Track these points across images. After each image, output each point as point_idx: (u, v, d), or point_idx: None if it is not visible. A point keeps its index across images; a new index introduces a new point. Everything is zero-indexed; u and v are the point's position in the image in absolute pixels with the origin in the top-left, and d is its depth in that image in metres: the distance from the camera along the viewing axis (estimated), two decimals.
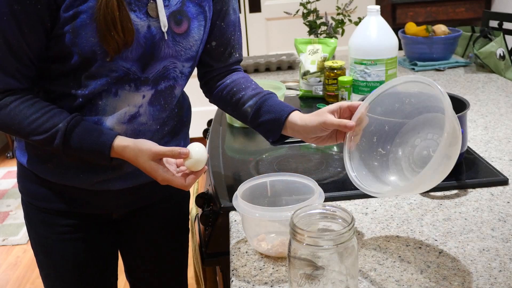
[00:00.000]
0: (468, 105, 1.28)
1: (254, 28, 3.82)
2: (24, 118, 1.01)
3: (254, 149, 1.53)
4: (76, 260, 1.23)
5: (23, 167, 1.17)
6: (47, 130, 1.01)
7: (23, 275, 2.69)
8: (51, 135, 1.01)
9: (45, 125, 1.01)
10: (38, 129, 1.01)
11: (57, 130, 1.01)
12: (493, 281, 0.90)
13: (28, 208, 1.22)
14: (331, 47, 1.91)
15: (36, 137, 1.02)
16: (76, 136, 1.02)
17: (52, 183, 1.14)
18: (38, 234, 1.22)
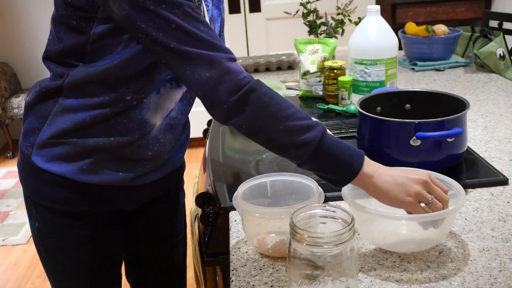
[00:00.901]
0: (468, 105, 1.28)
1: (254, 28, 3.83)
2: (281, 101, 0.95)
3: (254, 149, 1.53)
4: (95, 260, 1.22)
5: (43, 171, 1.11)
6: (305, 118, 0.95)
7: (23, 275, 2.69)
8: (309, 124, 0.94)
9: (300, 113, 0.96)
10: (296, 114, 0.94)
11: (317, 122, 0.96)
12: (493, 281, 0.90)
13: (43, 212, 1.17)
14: (331, 47, 1.91)
15: (296, 122, 0.94)
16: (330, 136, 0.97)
17: (80, 184, 1.11)
18: (56, 237, 1.19)
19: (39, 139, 1.10)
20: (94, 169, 1.10)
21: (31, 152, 1.12)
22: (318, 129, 0.94)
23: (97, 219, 1.19)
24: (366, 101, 1.38)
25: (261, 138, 0.97)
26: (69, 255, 1.20)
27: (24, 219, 3.20)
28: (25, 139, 1.13)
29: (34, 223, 1.20)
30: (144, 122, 1.10)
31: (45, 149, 1.10)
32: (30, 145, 1.12)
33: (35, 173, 1.13)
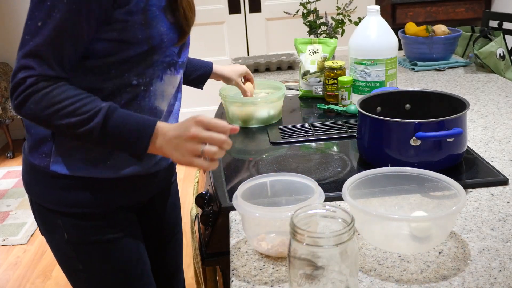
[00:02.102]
0: (468, 105, 1.28)
1: (254, 28, 3.83)
2: (66, 98, 0.99)
3: (254, 149, 1.53)
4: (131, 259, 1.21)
5: (67, 177, 1.11)
6: (88, 110, 0.99)
7: (23, 275, 2.69)
8: (91, 115, 0.99)
9: (87, 106, 0.99)
10: (80, 109, 0.99)
11: (100, 108, 0.99)
12: (493, 281, 0.90)
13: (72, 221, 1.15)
14: (331, 47, 1.91)
15: (74, 118, 0.99)
16: (118, 115, 1.01)
17: (108, 181, 1.13)
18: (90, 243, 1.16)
19: (57, 145, 1.10)
20: (118, 163, 1.12)
21: (49, 162, 1.10)
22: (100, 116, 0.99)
23: (124, 215, 1.20)
24: (366, 101, 1.38)
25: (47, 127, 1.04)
26: (108, 257, 1.18)
27: (24, 219, 3.20)
28: (37, 150, 1.12)
29: (63, 236, 1.15)
30: (154, 109, 1.14)
31: (66, 154, 1.10)
32: (45, 155, 1.11)
33: (58, 182, 1.11)
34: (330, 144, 1.51)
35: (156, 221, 1.37)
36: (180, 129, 1.01)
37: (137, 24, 1.03)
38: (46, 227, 1.19)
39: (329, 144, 1.51)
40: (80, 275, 1.20)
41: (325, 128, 1.59)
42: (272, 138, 1.56)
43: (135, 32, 1.04)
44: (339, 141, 1.52)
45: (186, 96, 3.98)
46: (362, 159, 1.37)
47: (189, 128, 0.99)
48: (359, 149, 1.37)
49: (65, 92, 1.00)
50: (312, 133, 1.57)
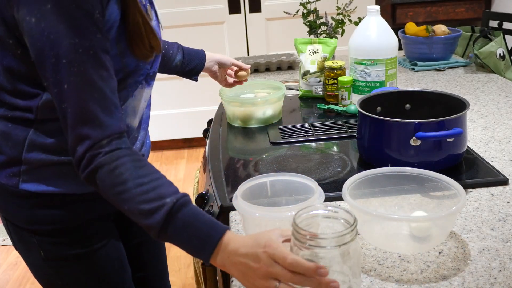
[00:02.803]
0: (468, 105, 1.28)
1: (254, 28, 3.82)
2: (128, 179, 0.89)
3: (254, 149, 1.53)
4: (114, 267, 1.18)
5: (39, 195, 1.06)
6: (151, 200, 0.88)
7: (23, 275, 2.69)
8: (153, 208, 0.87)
9: (150, 194, 0.88)
10: (140, 197, 0.88)
11: (163, 204, 0.87)
12: (493, 281, 0.90)
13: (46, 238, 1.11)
14: (331, 47, 1.91)
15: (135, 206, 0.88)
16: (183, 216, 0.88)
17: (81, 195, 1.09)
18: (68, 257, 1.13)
19: (25, 165, 1.05)
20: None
21: (18, 181, 1.05)
22: (161, 215, 0.87)
23: (100, 226, 1.16)
24: (366, 101, 1.38)
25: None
26: (87, 270, 1.14)
27: None
28: (4, 170, 1.06)
29: (39, 253, 1.12)
30: (126, 128, 1.09)
31: (35, 172, 1.05)
32: (13, 174, 1.06)
33: (28, 201, 1.07)
34: (330, 144, 1.51)
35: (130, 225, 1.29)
36: (249, 256, 0.84)
37: (113, 57, 0.98)
38: (21, 245, 1.15)
39: (329, 144, 1.51)
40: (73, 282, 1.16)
41: (325, 128, 1.59)
42: (272, 138, 1.56)
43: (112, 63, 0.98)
44: (339, 141, 1.52)
45: (187, 96, 3.99)
46: (362, 159, 1.37)
47: (259, 259, 0.83)
48: (359, 149, 1.37)
49: (128, 170, 0.90)
50: (312, 133, 1.57)
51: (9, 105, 1.03)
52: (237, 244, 0.86)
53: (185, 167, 3.80)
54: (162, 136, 4.00)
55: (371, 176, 1.10)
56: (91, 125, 0.90)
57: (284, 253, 0.81)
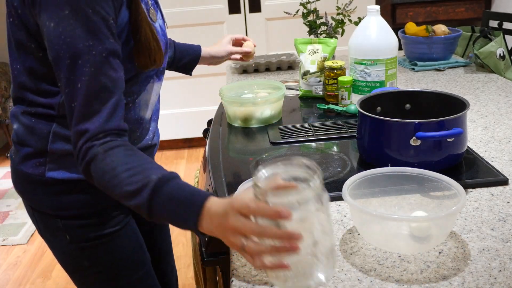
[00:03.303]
0: (468, 105, 1.28)
1: (254, 28, 3.83)
2: (118, 165, 0.94)
3: (254, 149, 1.53)
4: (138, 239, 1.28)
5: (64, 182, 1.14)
6: (137, 181, 0.92)
7: (23, 275, 2.69)
8: (139, 187, 0.91)
9: (137, 176, 0.92)
10: (129, 178, 0.92)
11: (148, 182, 0.91)
12: (493, 281, 0.90)
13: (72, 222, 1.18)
14: (331, 47, 1.91)
15: (124, 188, 0.92)
16: (167, 190, 0.91)
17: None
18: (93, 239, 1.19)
19: (50, 156, 1.13)
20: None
21: (44, 170, 1.13)
22: (146, 191, 0.90)
23: (120, 209, 1.23)
24: (366, 101, 1.38)
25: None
26: (111, 250, 1.22)
27: (24, 219, 3.20)
28: (30, 160, 1.14)
29: (65, 237, 1.18)
30: (140, 120, 1.20)
31: (60, 161, 1.13)
32: (39, 164, 1.13)
33: (54, 188, 1.15)
34: (330, 144, 1.51)
35: None
36: (220, 216, 0.86)
37: (124, 56, 1.05)
38: (47, 232, 1.22)
39: (329, 144, 1.51)
40: (87, 272, 1.23)
41: (325, 128, 1.59)
42: (272, 138, 1.56)
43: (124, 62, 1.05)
44: (339, 141, 1.52)
45: (186, 96, 3.99)
46: (362, 159, 1.37)
47: (227, 215, 0.85)
48: (359, 149, 1.37)
49: (118, 158, 0.95)
50: (312, 133, 1.57)
51: (32, 103, 1.12)
52: (217, 207, 0.87)
53: (185, 167, 3.80)
54: (162, 136, 4.00)
55: (371, 176, 1.10)
56: (92, 121, 0.96)
57: (246, 202, 0.82)
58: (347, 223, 1.11)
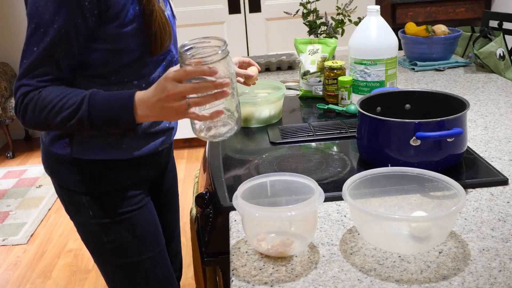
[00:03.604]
0: (468, 105, 1.28)
1: (254, 28, 3.83)
2: (54, 97, 1.09)
3: (254, 149, 1.53)
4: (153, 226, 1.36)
5: (90, 161, 1.24)
6: (74, 102, 1.09)
7: (23, 275, 2.69)
8: (78, 105, 1.08)
9: (73, 99, 1.09)
10: (67, 103, 1.09)
11: (83, 97, 1.09)
12: (493, 281, 0.90)
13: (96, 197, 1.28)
14: (331, 47, 1.91)
15: (64, 112, 1.09)
16: (100, 98, 1.09)
17: (125, 161, 1.27)
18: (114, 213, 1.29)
19: (76, 136, 1.23)
20: (132, 146, 1.26)
21: (71, 150, 1.24)
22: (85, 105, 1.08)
23: (140, 188, 1.33)
24: (366, 101, 1.38)
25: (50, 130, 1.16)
26: (128, 228, 1.30)
27: (24, 219, 3.20)
28: (58, 141, 1.25)
29: (88, 213, 1.29)
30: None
31: (84, 142, 1.23)
32: (66, 144, 1.24)
33: (80, 167, 1.25)
34: (330, 144, 1.51)
35: (159, 192, 1.50)
36: (157, 92, 1.04)
37: (129, 34, 1.15)
38: (72, 207, 1.32)
39: (329, 144, 1.51)
40: (105, 247, 1.32)
41: (325, 128, 1.59)
42: (272, 138, 1.56)
43: (127, 42, 1.15)
44: (339, 141, 1.52)
45: None
46: (362, 159, 1.37)
47: (165, 88, 1.02)
48: (359, 149, 1.37)
49: (52, 92, 1.10)
50: (312, 133, 1.57)
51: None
52: (146, 93, 1.07)
53: (185, 167, 3.80)
54: None
55: (371, 176, 1.10)
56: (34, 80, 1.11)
57: (180, 70, 1.01)
58: (347, 223, 1.11)
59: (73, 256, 2.82)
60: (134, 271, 1.34)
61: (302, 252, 1.02)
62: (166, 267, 1.40)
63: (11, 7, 4.33)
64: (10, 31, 4.38)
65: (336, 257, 1.00)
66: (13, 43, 4.40)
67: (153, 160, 1.35)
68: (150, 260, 1.35)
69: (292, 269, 0.97)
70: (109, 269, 1.36)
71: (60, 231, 3.08)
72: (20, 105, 1.12)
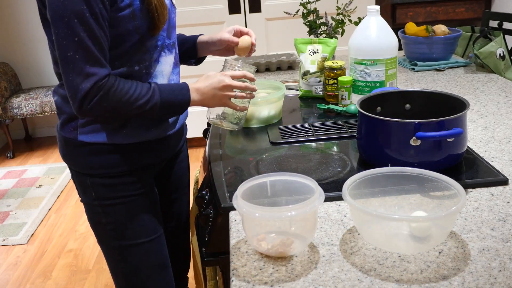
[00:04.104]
0: (468, 105, 1.28)
1: (254, 28, 3.83)
2: (128, 88, 1.23)
3: (254, 149, 1.53)
4: (151, 212, 1.41)
5: (92, 145, 1.31)
6: (147, 92, 1.25)
7: (23, 275, 2.69)
8: (151, 94, 1.25)
9: (143, 89, 1.24)
10: (141, 93, 1.24)
11: (153, 88, 1.26)
12: (493, 281, 0.90)
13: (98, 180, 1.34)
14: (331, 47, 1.91)
15: (141, 101, 1.23)
16: (163, 86, 1.28)
17: (125, 146, 1.33)
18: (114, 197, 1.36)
19: (81, 121, 1.31)
20: (132, 132, 1.32)
21: (77, 134, 1.32)
22: (156, 94, 1.26)
23: (143, 174, 1.38)
24: (366, 101, 1.38)
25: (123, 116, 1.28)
26: (125, 212, 1.37)
27: (24, 219, 3.20)
28: (67, 126, 1.33)
29: (91, 194, 1.36)
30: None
31: (88, 126, 1.30)
32: (73, 128, 1.32)
33: (85, 149, 1.32)
34: (330, 144, 1.51)
35: (168, 182, 1.57)
36: (212, 83, 1.33)
37: (126, 18, 1.21)
38: (80, 188, 1.40)
39: (329, 144, 1.51)
40: (104, 228, 1.39)
41: (325, 128, 1.59)
42: (272, 138, 1.56)
43: (125, 25, 1.21)
44: (339, 141, 1.52)
45: None
46: (362, 159, 1.37)
47: (222, 80, 1.33)
48: (359, 149, 1.37)
49: (124, 84, 1.22)
50: (312, 133, 1.57)
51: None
52: (197, 83, 1.34)
53: None
54: None
55: (371, 176, 1.10)
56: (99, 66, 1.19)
57: (237, 72, 1.38)
58: (347, 223, 1.11)
59: (73, 256, 2.82)
60: (130, 254, 1.41)
61: (302, 252, 1.02)
62: (160, 255, 1.45)
63: (11, 7, 4.33)
64: (10, 31, 4.38)
65: (336, 257, 1.00)
66: (13, 43, 4.40)
67: (160, 146, 1.41)
68: (145, 245, 1.41)
69: (292, 269, 0.97)
70: (107, 250, 1.43)
71: (60, 231, 3.08)
72: (93, 97, 1.19)
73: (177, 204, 1.62)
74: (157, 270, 1.46)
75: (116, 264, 1.45)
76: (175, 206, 1.62)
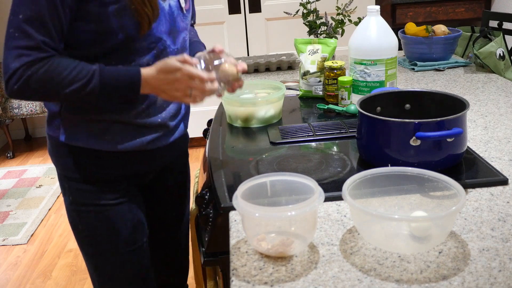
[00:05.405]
0: (468, 105, 1.28)
1: (254, 28, 3.83)
2: (63, 69, 1.14)
3: (254, 149, 1.53)
4: (129, 223, 1.35)
5: (72, 147, 1.27)
6: (85, 75, 1.15)
7: (23, 275, 2.69)
8: (89, 78, 1.15)
9: (82, 72, 1.15)
10: (77, 76, 1.14)
11: (94, 71, 1.15)
12: (493, 281, 0.90)
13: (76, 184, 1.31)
14: (331, 47, 1.91)
15: (75, 85, 1.14)
16: (109, 71, 1.16)
17: (105, 153, 1.28)
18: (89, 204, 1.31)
19: (63, 120, 1.27)
20: (115, 139, 1.27)
21: (59, 133, 1.28)
22: (95, 77, 1.15)
23: (123, 184, 1.33)
24: (366, 101, 1.38)
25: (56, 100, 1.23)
26: (102, 221, 1.32)
27: (24, 219, 3.20)
28: (51, 124, 1.30)
29: (69, 198, 1.33)
30: None
31: (71, 127, 1.26)
32: (56, 127, 1.28)
33: (64, 150, 1.29)
34: (330, 144, 1.51)
35: (162, 196, 1.51)
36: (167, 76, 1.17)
37: (111, 15, 1.15)
38: (61, 189, 1.36)
39: (329, 144, 1.51)
40: (81, 235, 1.36)
41: (325, 128, 1.59)
42: (272, 138, 1.56)
43: (109, 22, 1.16)
44: (339, 141, 1.52)
45: None
46: (362, 159, 1.38)
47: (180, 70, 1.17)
48: (359, 149, 1.37)
49: (60, 64, 1.14)
50: (312, 133, 1.57)
51: None
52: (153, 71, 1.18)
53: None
54: None
55: (371, 176, 1.10)
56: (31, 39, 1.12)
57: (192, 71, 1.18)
58: (347, 223, 1.11)
59: (73, 256, 2.82)
60: (105, 263, 1.37)
61: (302, 252, 1.02)
62: (139, 267, 1.40)
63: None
64: None
65: (336, 257, 1.00)
66: None
67: (142, 158, 1.34)
68: (122, 256, 1.36)
69: (292, 269, 0.97)
70: (84, 255, 1.40)
71: (60, 231, 3.08)
72: (20, 77, 1.12)
73: (170, 212, 1.56)
74: (135, 282, 1.41)
75: (92, 271, 1.41)
76: (174, 213, 1.57)
